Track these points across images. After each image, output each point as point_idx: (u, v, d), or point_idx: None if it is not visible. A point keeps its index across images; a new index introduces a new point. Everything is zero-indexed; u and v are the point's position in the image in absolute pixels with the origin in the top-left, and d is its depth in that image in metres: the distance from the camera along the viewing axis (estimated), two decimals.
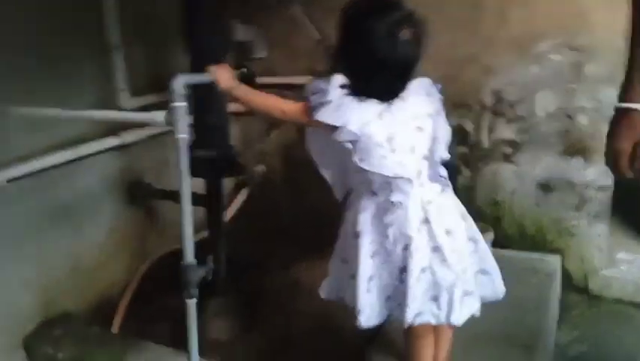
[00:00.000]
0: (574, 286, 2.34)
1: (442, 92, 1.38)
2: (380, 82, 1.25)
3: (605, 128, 2.13)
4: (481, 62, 2.32)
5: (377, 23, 1.22)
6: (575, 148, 2.24)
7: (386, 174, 1.25)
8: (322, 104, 1.25)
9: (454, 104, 2.38)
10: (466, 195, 2.42)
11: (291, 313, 2.11)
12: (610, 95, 2.15)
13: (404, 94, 1.31)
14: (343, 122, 1.22)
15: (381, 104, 1.27)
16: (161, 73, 2.17)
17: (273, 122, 2.76)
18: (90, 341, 1.78)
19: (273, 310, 2.15)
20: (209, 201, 1.91)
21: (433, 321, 1.30)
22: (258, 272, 2.40)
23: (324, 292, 1.48)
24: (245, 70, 1.74)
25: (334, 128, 1.25)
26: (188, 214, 1.30)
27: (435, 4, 2.30)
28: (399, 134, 1.26)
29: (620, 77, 2.10)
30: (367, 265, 1.30)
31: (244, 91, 1.43)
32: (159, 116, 1.27)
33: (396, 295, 1.32)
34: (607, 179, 2.23)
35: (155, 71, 2.25)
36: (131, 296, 2.13)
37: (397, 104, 1.29)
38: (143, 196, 2.18)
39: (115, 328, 1.98)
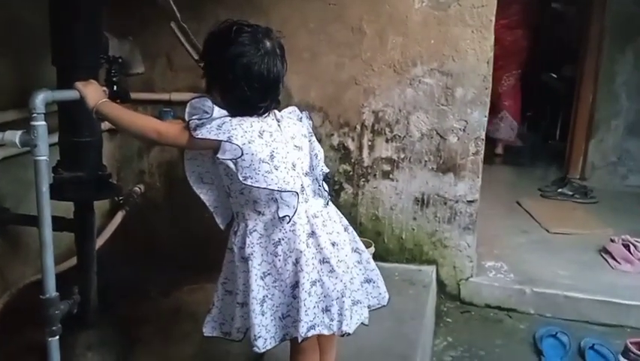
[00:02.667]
0: (448, 294, 2.50)
1: (310, 117, 1.43)
2: (249, 96, 1.25)
3: (472, 148, 2.37)
4: (362, 84, 2.41)
5: (236, 39, 1.24)
6: (447, 165, 2.40)
7: (272, 188, 1.25)
8: (203, 123, 1.22)
9: (338, 124, 2.47)
10: (349, 211, 2.50)
11: (173, 340, 2.02)
12: (476, 117, 2.34)
13: (279, 116, 1.34)
14: (227, 137, 1.21)
15: (259, 122, 1.27)
16: (25, 87, 1.99)
17: None
18: None
19: (153, 338, 2.04)
20: (78, 226, 1.78)
21: (325, 332, 1.31)
22: (136, 299, 2.27)
23: (207, 329, 1.42)
24: (115, 87, 1.64)
25: (216, 147, 1.22)
26: (49, 242, 1.19)
27: (319, 27, 2.39)
28: (279, 152, 1.27)
29: (484, 99, 2.31)
30: (259, 287, 1.29)
31: (113, 109, 1.35)
32: (14, 136, 1.16)
33: (290, 312, 1.31)
34: (474, 194, 2.41)
35: (19, 84, 2.06)
36: None
37: (274, 125, 1.31)
38: (1, 222, 1.96)
39: None
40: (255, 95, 1.26)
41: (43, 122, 1.18)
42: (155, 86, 2.57)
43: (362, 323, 1.39)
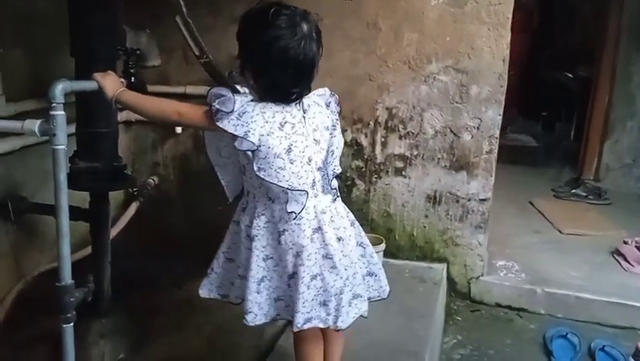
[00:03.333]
0: (458, 293, 2.50)
1: (338, 103, 1.39)
2: (283, 81, 1.24)
3: (485, 146, 2.35)
4: (377, 80, 2.41)
5: (274, 22, 1.22)
6: (460, 163, 2.39)
7: (282, 186, 1.26)
8: (225, 112, 1.22)
9: (352, 120, 2.47)
10: (360, 207, 2.50)
11: (184, 331, 2.04)
12: (490, 115, 2.33)
13: (306, 105, 1.32)
14: (244, 133, 1.21)
15: (283, 112, 1.26)
16: (43, 77, 2.01)
17: (167, 132, 2.67)
18: None
19: (165, 329, 2.07)
20: (93, 216, 1.80)
21: (321, 325, 1.33)
22: (149, 289, 2.29)
23: (204, 290, 1.46)
24: (132, 79, 1.66)
25: (235, 136, 1.23)
26: (65, 231, 1.21)
27: (334, 23, 2.38)
28: (298, 146, 1.27)
29: (499, 98, 2.30)
30: (259, 268, 1.31)
31: (133, 96, 1.37)
32: (33, 125, 1.18)
33: (284, 297, 1.35)
34: (487, 192, 2.40)
35: (37, 75, 2.09)
36: (4, 320, 1.94)
37: (299, 116, 1.29)
38: (18, 211, 2.00)
39: None
40: (288, 80, 1.24)
41: (62, 112, 1.20)
42: (171, 79, 2.59)
43: (361, 316, 1.39)
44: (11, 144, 1.94)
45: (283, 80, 1.24)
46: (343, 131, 2.45)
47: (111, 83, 1.37)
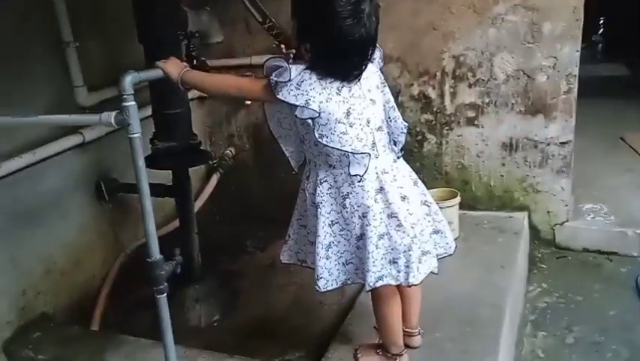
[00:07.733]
0: (542, 240, 2.43)
1: (382, 58, 1.39)
2: (346, 61, 1.26)
3: (563, 86, 2.22)
4: (441, 29, 2.32)
5: (339, 1, 1.21)
6: (536, 107, 2.27)
7: (346, 150, 1.28)
8: (283, 83, 1.25)
9: (418, 73, 2.41)
10: (433, 161, 2.47)
11: (270, 291, 2.16)
12: (566, 52, 2.18)
13: None
14: (304, 101, 1.24)
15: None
16: (118, 65, 2.13)
17: (238, 104, 2.75)
18: (69, 340, 1.80)
19: (253, 289, 2.20)
20: (177, 192, 1.93)
21: (392, 282, 1.36)
22: (235, 254, 2.44)
23: (284, 256, 1.53)
24: (195, 62, 1.72)
25: (295, 106, 1.25)
26: (149, 211, 1.31)
27: None
28: (356, 108, 1.29)
29: (576, 33, 2.14)
30: (326, 234, 1.35)
31: (196, 75, 1.43)
32: (109, 117, 1.27)
33: (353, 260, 1.38)
34: (568, 134, 2.27)
35: (112, 63, 2.21)
36: (110, 290, 2.16)
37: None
38: (111, 191, 2.18)
39: (95, 324, 2.01)
40: (347, 60, 1.26)
41: (134, 103, 1.27)
42: (236, 51, 2.65)
43: (432, 272, 1.41)
44: (98, 130, 2.09)
45: (345, 62, 1.25)
46: (409, 85, 2.44)
47: (174, 67, 1.43)
